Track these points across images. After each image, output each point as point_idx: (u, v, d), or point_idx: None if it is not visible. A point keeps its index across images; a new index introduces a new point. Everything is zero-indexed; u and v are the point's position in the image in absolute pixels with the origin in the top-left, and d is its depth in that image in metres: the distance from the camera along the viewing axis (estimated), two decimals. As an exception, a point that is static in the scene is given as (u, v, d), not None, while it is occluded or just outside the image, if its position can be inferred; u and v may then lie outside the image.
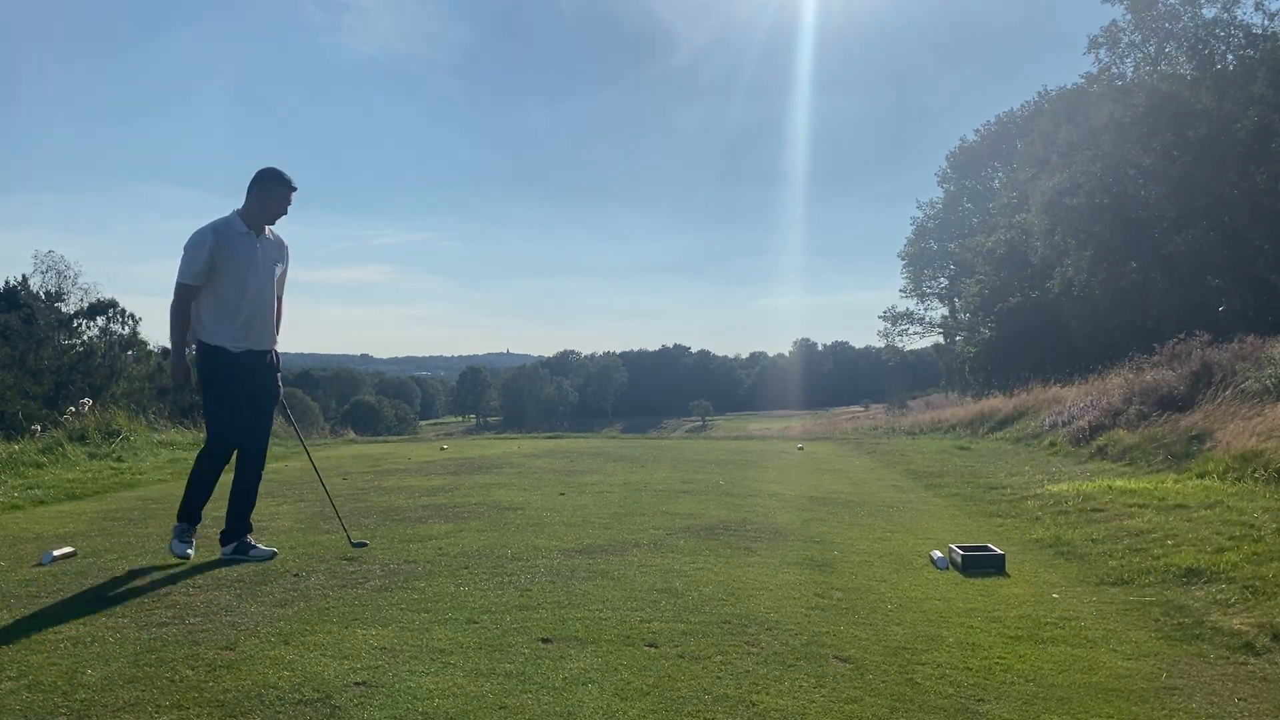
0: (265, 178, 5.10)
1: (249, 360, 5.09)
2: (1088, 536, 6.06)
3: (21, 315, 45.11)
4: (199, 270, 4.91)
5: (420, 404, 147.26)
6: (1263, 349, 11.76)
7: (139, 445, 11.35)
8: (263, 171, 5.13)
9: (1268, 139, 25.63)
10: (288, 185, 5.15)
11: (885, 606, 4.29)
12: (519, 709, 2.95)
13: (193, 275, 4.92)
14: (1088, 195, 28.18)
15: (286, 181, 5.14)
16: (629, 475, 9.51)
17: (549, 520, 6.46)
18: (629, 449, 13.39)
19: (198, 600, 4.21)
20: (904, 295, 57.58)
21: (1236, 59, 27.64)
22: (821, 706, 3.04)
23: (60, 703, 2.96)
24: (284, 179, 5.13)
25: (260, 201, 5.09)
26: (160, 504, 7.46)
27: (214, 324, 5.01)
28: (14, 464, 9.32)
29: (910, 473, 10.54)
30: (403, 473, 9.71)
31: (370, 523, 6.34)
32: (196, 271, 4.91)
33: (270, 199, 5.11)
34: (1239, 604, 4.35)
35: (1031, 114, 44.09)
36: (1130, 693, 3.26)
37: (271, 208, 5.14)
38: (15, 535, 6.01)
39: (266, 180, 5.10)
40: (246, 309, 5.06)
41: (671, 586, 4.51)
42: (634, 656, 3.45)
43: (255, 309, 5.10)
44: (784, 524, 6.49)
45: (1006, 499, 8.10)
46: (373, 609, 4.05)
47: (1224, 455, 8.56)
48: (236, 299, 5.01)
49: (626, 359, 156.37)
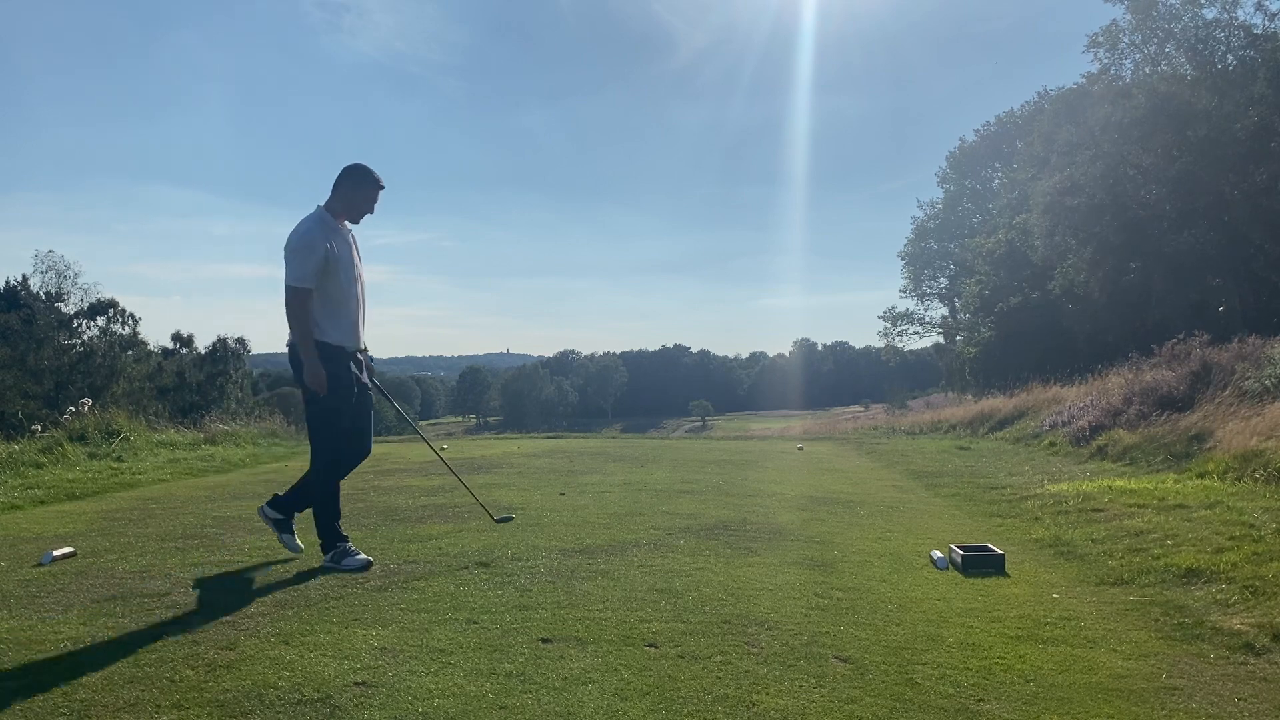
0: (355, 174, 4.98)
1: (358, 359, 4.99)
2: (1088, 536, 6.06)
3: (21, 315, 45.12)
4: (314, 271, 4.73)
5: (420, 404, 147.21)
6: (1263, 349, 11.76)
7: (139, 445, 11.35)
8: (353, 167, 5.00)
9: (1268, 139, 25.63)
10: (377, 184, 5.03)
11: (885, 606, 4.29)
12: (519, 709, 2.95)
13: (309, 277, 4.73)
14: (1088, 195, 28.19)
15: (376, 180, 5.02)
16: (629, 475, 9.51)
17: (549, 520, 6.46)
18: (629, 449, 13.40)
19: (198, 600, 4.21)
20: (904, 295, 57.67)
21: (1236, 59, 27.64)
22: (821, 706, 3.04)
23: (60, 703, 2.96)
24: (374, 177, 5.02)
25: (348, 198, 4.97)
26: (160, 504, 7.47)
27: (328, 323, 4.84)
28: (14, 464, 9.32)
29: (910, 473, 10.54)
30: (403, 473, 9.71)
31: (370, 523, 6.34)
32: (311, 272, 4.73)
33: (358, 196, 4.99)
34: (1239, 604, 4.35)
35: (1031, 114, 44.14)
36: (1130, 693, 3.26)
37: (359, 205, 5.01)
38: (15, 535, 6.01)
39: (356, 176, 4.98)
40: (351, 306, 4.94)
41: (671, 586, 4.51)
42: (634, 656, 3.45)
43: (358, 306, 5.01)
44: (784, 524, 6.49)
45: (1006, 499, 8.10)
46: (373, 609, 4.05)
47: (1224, 455, 8.56)
48: (344, 296, 4.89)
49: (626, 359, 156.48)
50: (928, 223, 55.80)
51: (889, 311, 58.36)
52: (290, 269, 4.75)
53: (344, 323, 4.89)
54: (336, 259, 4.81)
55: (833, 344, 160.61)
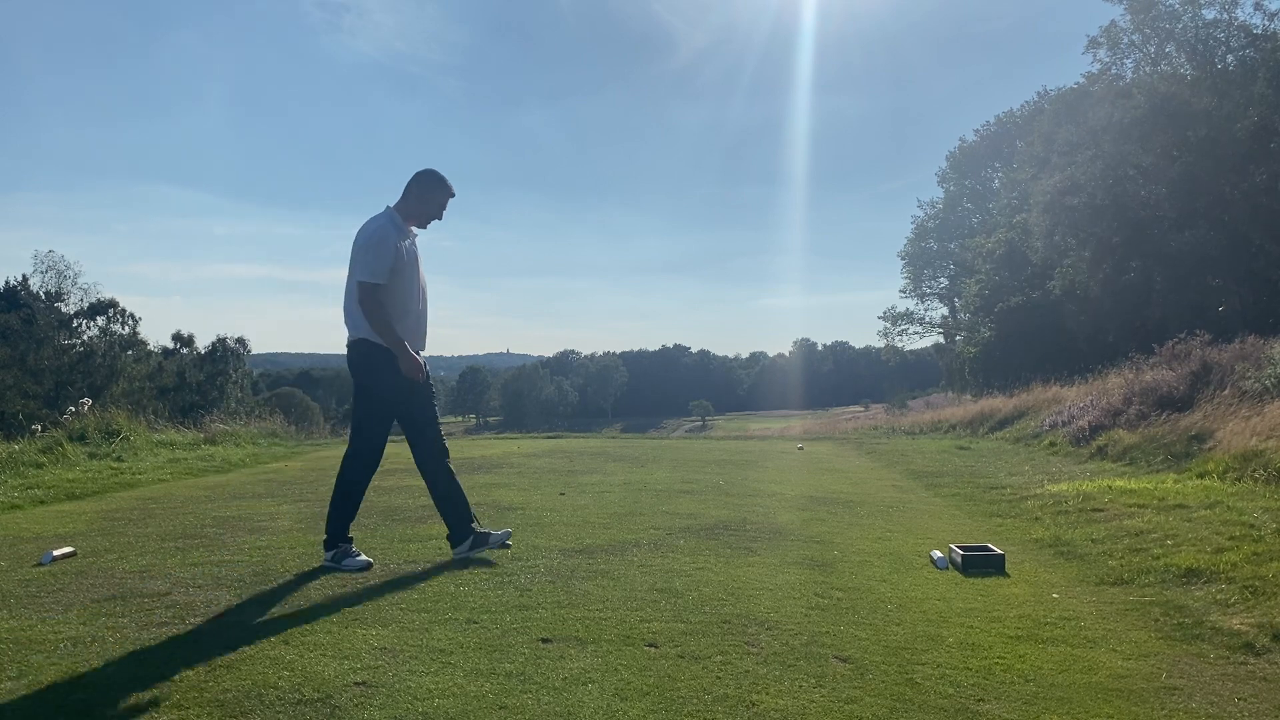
0: (429, 179, 4.99)
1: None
2: (1088, 536, 6.06)
3: (21, 315, 45.17)
4: (387, 268, 4.74)
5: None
6: (1263, 349, 11.77)
7: (139, 445, 11.35)
8: (426, 172, 5.01)
9: (1268, 139, 25.64)
10: (448, 191, 5.04)
11: (885, 606, 4.29)
12: (519, 709, 2.95)
13: (382, 273, 4.73)
14: (1088, 195, 28.20)
15: (449, 187, 5.04)
16: (629, 475, 9.51)
17: (549, 520, 6.46)
18: (629, 449, 13.40)
19: (198, 600, 4.21)
20: (904, 295, 57.68)
21: (1236, 59, 27.66)
22: (821, 706, 3.04)
23: (60, 703, 2.96)
24: (447, 184, 5.03)
25: (419, 202, 4.97)
26: (160, 504, 7.47)
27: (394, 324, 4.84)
28: (14, 464, 9.32)
29: (910, 473, 10.54)
30: (403, 473, 9.70)
31: (370, 523, 6.35)
32: (384, 269, 4.73)
33: (429, 202, 5.00)
34: (1239, 604, 4.35)
35: (1031, 114, 44.16)
36: (1130, 693, 3.26)
37: (429, 210, 5.02)
38: (15, 535, 6.01)
39: (429, 181, 4.98)
40: (415, 308, 4.95)
41: (671, 586, 4.51)
42: (634, 656, 3.45)
43: (422, 308, 5.02)
44: (784, 524, 6.49)
45: (1006, 499, 8.10)
46: (373, 609, 4.05)
47: (1224, 455, 8.56)
48: (407, 298, 4.89)
49: (626, 359, 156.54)
50: (928, 222, 55.82)
51: (889, 311, 58.43)
52: (362, 265, 4.76)
53: (407, 324, 4.90)
54: (405, 260, 4.84)
55: (833, 344, 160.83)
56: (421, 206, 4.99)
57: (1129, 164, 28.00)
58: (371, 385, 4.89)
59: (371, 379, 4.88)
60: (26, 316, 45.52)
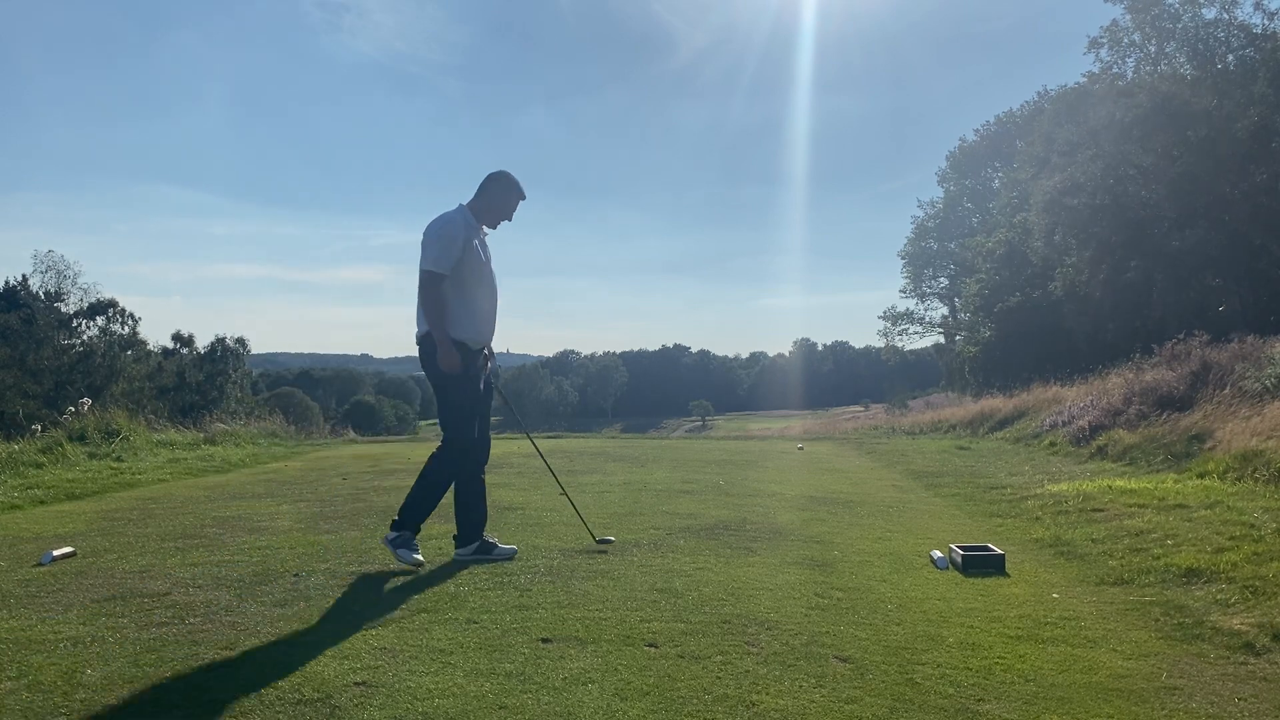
0: (503, 180, 5.07)
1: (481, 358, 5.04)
2: (1088, 536, 6.06)
3: (21, 315, 45.17)
4: (451, 259, 4.81)
5: (420, 404, 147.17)
6: (1263, 349, 11.77)
7: (138, 445, 11.35)
8: (501, 173, 5.09)
9: (1268, 139, 25.65)
10: (520, 194, 5.12)
11: (885, 606, 4.29)
12: (519, 709, 2.95)
13: (447, 264, 4.80)
14: (1088, 195, 28.20)
15: (520, 190, 5.12)
16: (629, 475, 9.51)
17: (549, 520, 6.46)
18: (629, 449, 13.40)
19: (198, 600, 4.21)
20: (904, 295, 57.72)
21: (1236, 59, 27.67)
22: (821, 706, 3.04)
23: (60, 703, 2.96)
24: (519, 187, 5.11)
25: (492, 202, 5.06)
26: (160, 504, 7.47)
27: (457, 318, 4.89)
28: (14, 464, 9.32)
29: (910, 473, 10.54)
30: (403, 473, 9.70)
31: (370, 523, 6.35)
32: (449, 260, 4.81)
33: (501, 202, 5.08)
34: (1239, 604, 4.35)
35: (1031, 114, 44.18)
36: (1130, 693, 3.26)
37: (500, 211, 5.10)
38: (15, 535, 6.01)
39: (504, 182, 5.07)
40: (483, 305, 5.00)
41: (671, 586, 4.51)
42: (634, 656, 3.45)
43: (491, 306, 5.07)
44: (784, 524, 6.49)
45: (1006, 499, 8.10)
46: (373, 609, 4.05)
47: (1224, 455, 8.56)
48: (476, 294, 4.94)
49: (626, 359, 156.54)
50: (928, 222, 55.85)
51: (889, 311, 58.44)
52: (428, 254, 4.83)
53: (472, 319, 4.94)
54: (473, 255, 4.89)
55: (833, 344, 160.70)
56: (494, 207, 5.08)
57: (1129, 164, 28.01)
58: (440, 380, 4.92)
59: (439, 374, 4.90)
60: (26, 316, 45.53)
